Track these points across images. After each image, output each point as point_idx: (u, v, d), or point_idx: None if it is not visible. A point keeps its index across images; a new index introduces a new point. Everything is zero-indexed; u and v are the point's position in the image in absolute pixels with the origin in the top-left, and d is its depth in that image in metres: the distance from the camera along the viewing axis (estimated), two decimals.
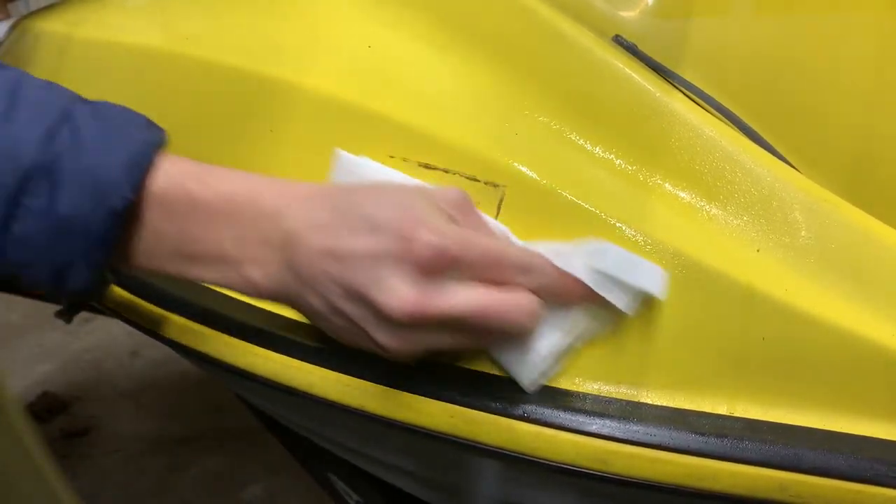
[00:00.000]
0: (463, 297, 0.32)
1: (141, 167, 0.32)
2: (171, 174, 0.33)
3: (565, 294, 0.35)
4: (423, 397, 0.38)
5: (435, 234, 0.31)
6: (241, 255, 0.34)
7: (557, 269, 0.35)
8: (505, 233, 0.38)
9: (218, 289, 0.46)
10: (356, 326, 0.33)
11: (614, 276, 0.35)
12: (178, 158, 0.35)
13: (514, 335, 0.35)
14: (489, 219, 0.38)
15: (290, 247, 0.33)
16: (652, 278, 0.36)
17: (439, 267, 0.32)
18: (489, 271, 0.33)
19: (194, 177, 0.34)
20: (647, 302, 0.36)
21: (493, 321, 0.33)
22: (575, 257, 0.35)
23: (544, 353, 0.36)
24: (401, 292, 0.31)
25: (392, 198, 0.34)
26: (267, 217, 0.33)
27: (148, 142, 0.33)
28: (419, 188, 0.37)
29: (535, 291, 0.34)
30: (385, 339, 0.33)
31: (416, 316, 0.31)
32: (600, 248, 0.36)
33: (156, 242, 0.34)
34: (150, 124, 0.35)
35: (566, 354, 0.37)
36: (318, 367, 0.40)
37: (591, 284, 0.34)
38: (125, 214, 0.32)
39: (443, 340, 0.34)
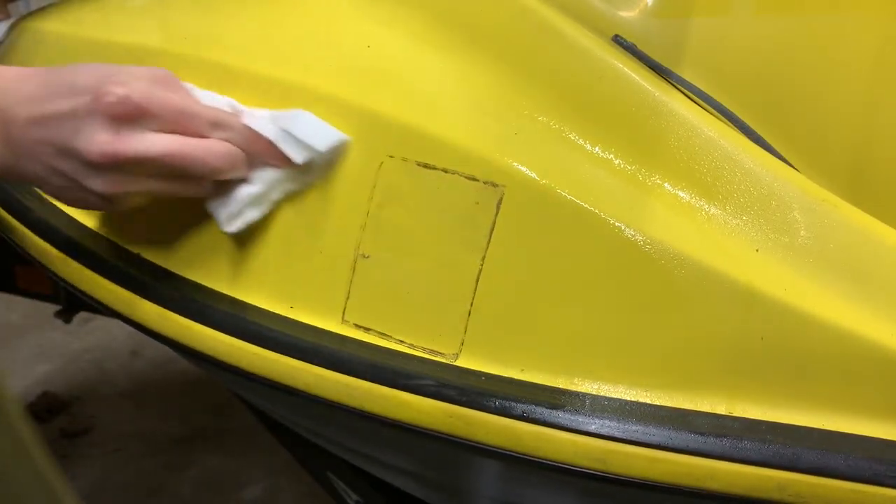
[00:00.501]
0: (153, 141, 0.37)
1: None
2: None
3: (253, 147, 0.41)
4: (421, 397, 0.38)
5: (122, 87, 0.36)
6: None
7: (245, 125, 0.40)
8: (230, 103, 0.43)
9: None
10: (72, 181, 0.38)
11: (294, 134, 0.40)
12: None
13: (213, 179, 0.40)
14: (212, 94, 0.43)
15: (7, 122, 0.37)
16: (325, 139, 0.41)
17: (128, 115, 0.36)
18: (180, 123, 0.38)
19: None
20: (329, 163, 0.42)
21: (187, 163, 0.38)
22: (271, 120, 0.41)
23: (240, 197, 0.41)
24: (95, 137, 0.36)
25: (91, 67, 0.38)
26: None
27: None
28: (122, 65, 0.40)
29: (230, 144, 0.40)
30: (94, 184, 0.37)
31: (110, 156, 0.36)
32: (294, 114, 0.42)
33: None
34: None
35: (265, 203, 0.43)
36: (317, 367, 0.40)
37: (271, 138, 0.40)
38: None
39: (149, 185, 0.39)
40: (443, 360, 0.39)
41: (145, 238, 0.49)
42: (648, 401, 0.37)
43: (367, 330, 0.41)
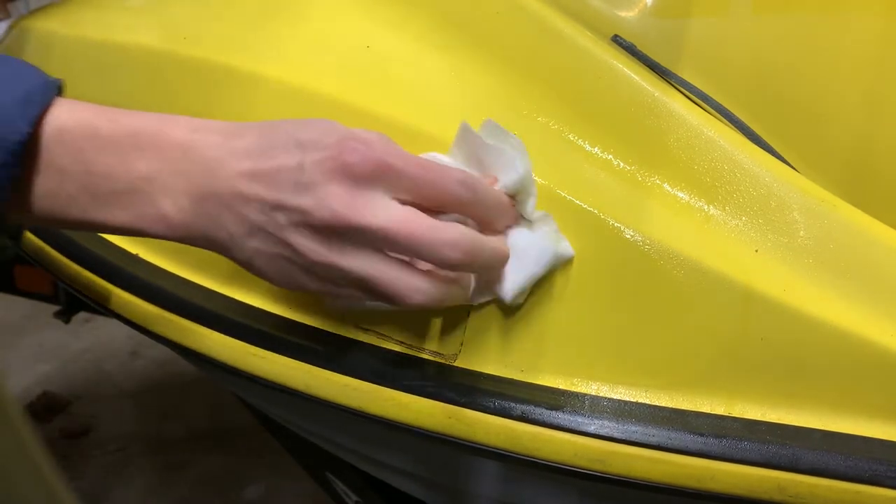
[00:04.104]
0: (394, 212, 0.31)
1: (38, 103, 0.32)
2: (73, 111, 0.33)
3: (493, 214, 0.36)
4: (421, 398, 0.38)
5: (364, 143, 0.31)
6: (150, 188, 0.33)
7: (495, 191, 0.35)
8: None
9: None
10: (276, 241, 0.32)
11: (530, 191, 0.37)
12: (81, 102, 0.33)
13: (445, 267, 0.34)
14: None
15: (203, 176, 0.32)
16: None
17: (372, 175, 0.31)
18: (426, 192, 0.33)
19: (99, 113, 0.33)
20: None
21: (422, 246, 0.32)
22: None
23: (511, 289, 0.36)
24: (328, 194, 0.31)
25: (316, 122, 0.33)
26: (177, 147, 0.33)
27: (45, 83, 0.33)
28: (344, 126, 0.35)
29: (476, 218, 0.35)
30: (306, 246, 0.32)
31: (342, 218, 0.31)
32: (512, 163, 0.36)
33: (59, 182, 0.32)
34: (46, 75, 0.34)
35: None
36: (316, 368, 0.40)
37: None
38: (23, 151, 0.31)
39: (371, 267, 0.32)
40: (442, 361, 0.40)
41: (143, 238, 0.49)
42: (648, 401, 0.37)
43: (366, 331, 0.41)
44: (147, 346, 1.64)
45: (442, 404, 0.38)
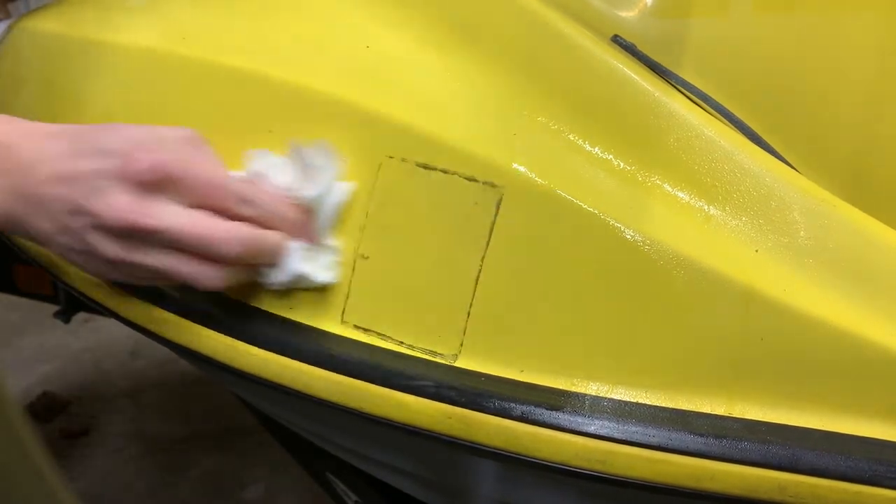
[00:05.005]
0: (176, 214, 0.36)
1: None
2: None
3: (282, 225, 0.39)
4: (421, 398, 0.38)
5: (154, 153, 0.35)
6: None
7: (275, 200, 0.39)
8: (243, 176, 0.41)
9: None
10: (81, 242, 0.36)
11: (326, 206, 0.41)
12: None
13: (230, 264, 0.38)
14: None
15: (20, 175, 0.36)
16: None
17: (156, 183, 0.35)
18: (208, 197, 0.37)
19: None
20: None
21: (205, 244, 0.36)
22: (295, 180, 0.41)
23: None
24: (116, 200, 0.35)
25: (120, 128, 0.37)
26: (2, 146, 0.36)
27: None
28: (151, 126, 0.38)
29: (257, 222, 0.38)
30: (104, 246, 0.36)
31: (129, 222, 0.35)
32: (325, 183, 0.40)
33: None
34: None
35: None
36: (316, 368, 0.40)
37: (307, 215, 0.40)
38: None
39: (165, 261, 0.37)
40: (442, 361, 0.40)
41: None
42: (648, 402, 0.37)
43: (366, 331, 0.41)
44: (147, 346, 1.64)
45: (442, 404, 0.38)
